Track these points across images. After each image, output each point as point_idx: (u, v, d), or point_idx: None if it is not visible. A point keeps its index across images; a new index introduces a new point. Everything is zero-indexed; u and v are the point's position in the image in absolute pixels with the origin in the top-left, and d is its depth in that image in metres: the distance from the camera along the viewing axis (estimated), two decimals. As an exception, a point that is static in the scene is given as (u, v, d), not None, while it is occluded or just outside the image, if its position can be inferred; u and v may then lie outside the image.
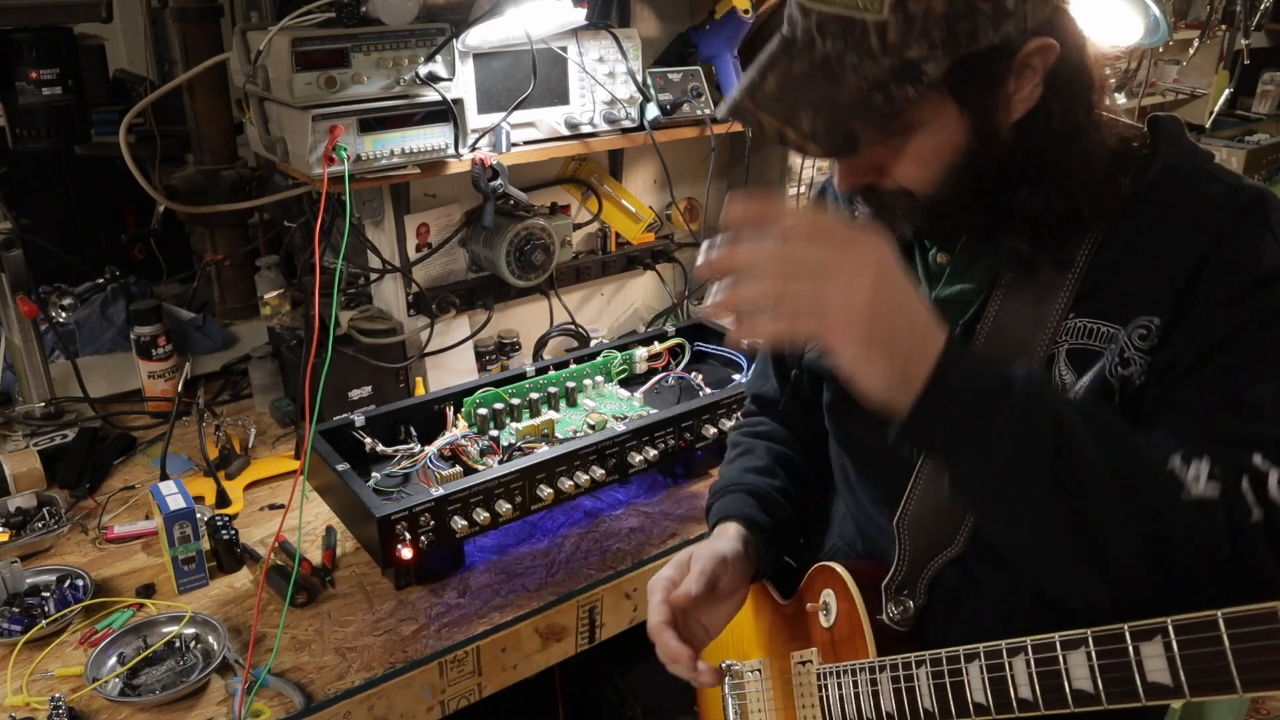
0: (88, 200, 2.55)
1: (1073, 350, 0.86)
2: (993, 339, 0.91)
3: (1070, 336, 0.87)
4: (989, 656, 0.81)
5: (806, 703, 1.07)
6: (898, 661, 0.92)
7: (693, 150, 2.12)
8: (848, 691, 0.99)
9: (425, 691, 1.28)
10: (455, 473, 1.46)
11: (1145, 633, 0.67)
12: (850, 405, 1.05)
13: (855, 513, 1.11)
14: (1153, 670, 0.67)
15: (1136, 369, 0.83)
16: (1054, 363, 0.87)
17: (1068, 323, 0.87)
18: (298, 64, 1.43)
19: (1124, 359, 0.83)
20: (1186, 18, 2.93)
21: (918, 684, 0.89)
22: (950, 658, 0.86)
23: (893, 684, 0.93)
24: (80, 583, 1.39)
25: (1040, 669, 0.76)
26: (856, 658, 0.99)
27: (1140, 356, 0.82)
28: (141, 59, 2.45)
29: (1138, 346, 0.82)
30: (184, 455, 1.76)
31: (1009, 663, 0.79)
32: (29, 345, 1.79)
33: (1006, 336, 0.90)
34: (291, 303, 1.83)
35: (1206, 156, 0.89)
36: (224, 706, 1.20)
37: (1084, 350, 0.86)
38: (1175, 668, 0.65)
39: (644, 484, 1.69)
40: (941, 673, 0.86)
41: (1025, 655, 0.77)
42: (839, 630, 1.03)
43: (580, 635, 1.44)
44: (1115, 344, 0.84)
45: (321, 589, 1.41)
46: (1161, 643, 0.66)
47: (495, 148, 1.70)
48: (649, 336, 1.90)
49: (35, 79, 1.60)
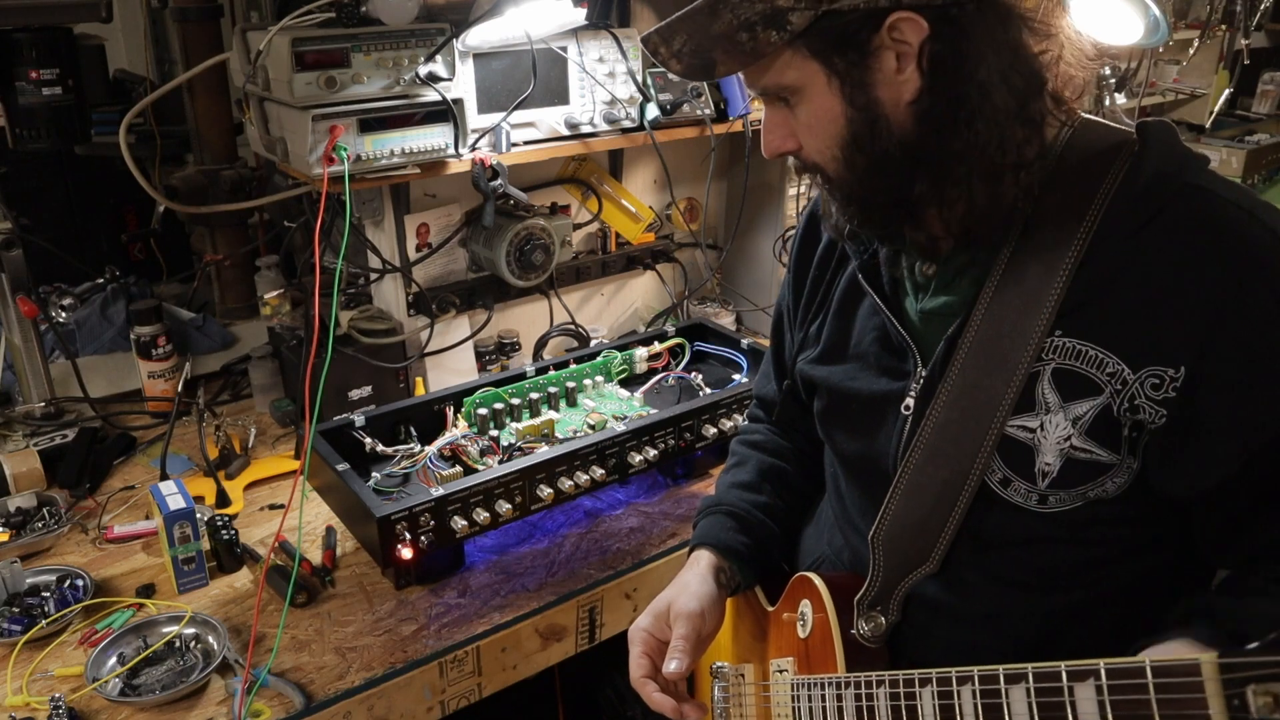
0: (88, 200, 2.55)
1: (1059, 371, 0.85)
2: (974, 353, 0.90)
3: (1058, 355, 0.85)
4: (940, 683, 0.82)
5: (781, 711, 1.07)
6: (861, 679, 0.92)
7: (693, 150, 2.13)
8: (816, 704, 0.99)
9: (425, 691, 1.28)
10: (455, 473, 1.46)
11: (1080, 674, 0.69)
12: (839, 415, 1.05)
13: (842, 522, 1.11)
14: (1085, 713, 0.68)
15: (1150, 415, 0.81)
16: (1038, 380, 0.86)
17: (1054, 340, 0.85)
18: (298, 64, 1.43)
19: (1133, 405, 0.82)
20: (1186, 18, 2.93)
21: (877, 704, 0.90)
22: (906, 680, 0.86)
23: (855, 700, 0.93)
24: (80, 583, 1.39)
25: (984, 700, 0.77)
26: (827, 670, 0.99)
27: (1153, 407, 0.81)
28: (141, 59, 2.45)
29: (1150, 396, 0.81)
30: (184, 455, 1.76)
31: (957, 691, 0.80)
32: (29, 345, 1.79)
33: (989, 351, 0.89)
34: (291, 303, 1.83)
35: (1201, 165, 0.86)
36: (224, 706, 1.20)
37: (1072, 373, 0.85)
38: (1105, 711, 0.66)
39: (644, 484, 1.69)
40: (898, 694, 0.87)
41: (972, 685, 0.78)
42: (813, 642, 1.03)
43: (580, 635, 1.44)
44: (1117, 380, 0.82)
45: (321, 589, 1.41)
46: (1094, 685, 0.67)
47: (495, 148, 1.70)
48: (649, 336, 1.90)
49: (35, 79, 1.60)
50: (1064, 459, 0.85)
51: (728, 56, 0.85)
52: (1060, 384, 0.85)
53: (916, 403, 0.94)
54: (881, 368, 0.99)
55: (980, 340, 0.89)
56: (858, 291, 1.03)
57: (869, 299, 1.00)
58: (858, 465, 1.05)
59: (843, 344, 1.05)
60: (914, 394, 0.94)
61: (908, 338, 0.95)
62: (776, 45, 0.83)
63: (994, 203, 0.85)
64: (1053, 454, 0.86)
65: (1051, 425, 0.85)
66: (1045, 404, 0.86)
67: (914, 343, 0.95)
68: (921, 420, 0.93)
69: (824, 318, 1.08)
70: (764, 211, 2.25)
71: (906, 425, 0.95)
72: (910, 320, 0.97)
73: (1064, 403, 0.85)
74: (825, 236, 1.10)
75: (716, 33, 0.84)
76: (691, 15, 0.85)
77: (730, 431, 1.62)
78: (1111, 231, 0.84)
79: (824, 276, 1.10)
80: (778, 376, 1.25)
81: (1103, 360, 0.83)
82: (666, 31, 0.87)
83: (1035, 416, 0.86)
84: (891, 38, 0.81)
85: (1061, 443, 0.85)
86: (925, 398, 0.93)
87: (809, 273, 1.11)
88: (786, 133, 0.90)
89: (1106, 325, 0.83)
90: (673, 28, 0.86)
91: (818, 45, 0.83)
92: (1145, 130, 0.87)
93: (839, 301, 1.06)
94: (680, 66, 0.88)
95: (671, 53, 0.87)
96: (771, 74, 0.86)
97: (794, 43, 0.83)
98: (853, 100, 0.84)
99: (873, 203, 0.89)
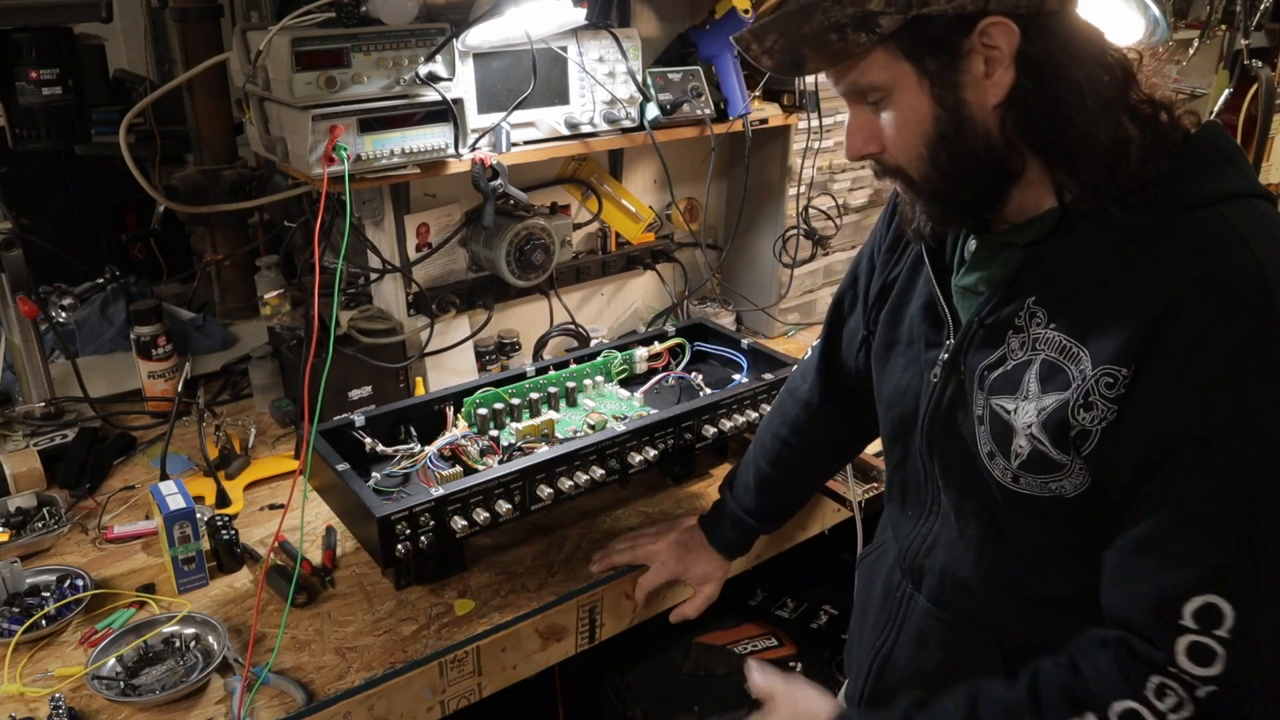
0: (88, 200, 2.55)
1: (1045, 362, 0.88)
2: (980, 334, 0.95)
3: (1046, 347, 0.88)
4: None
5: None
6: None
7: (693, 150, 2.13)
8: None
9: (425, 691, 1.28)
10: (455, 473, 1.46)
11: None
12: (887, 385, 1.13)
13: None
14: None
15: (1098, 414, 0.84)
16: (1028, 368, 0.90)
17: (1047, 332, 0.88)
18: (298, 64, 1.43)
19: (1088, 401, 0.84)
20: (1186, 18, 2.92)
21: None
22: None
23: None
24: (80, 582, 1.39)
25: None
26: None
27: (1105, 404, 0.83)
28: (141, 59, 2.45)
29: (1104, 395, 0.83)
30: (184, 455, 1.76)
31: None
32: (29, 345, 1.79)
33: (989, 333, 0.94)
34: (291, 303, 1.83)
35: (1230, 177, 0.86)
36: (224, 706, 1.20)
37: (1054, 365, 0.88)
38: None
39: (644, 484, 1.69)
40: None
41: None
42: None
43: (580, 635, 1.44)
44: (1079, 368, 0.85)
45: (321, 589, 1.41)
46: None
47: (495, 148, 1.70)
48: (649, 336, 1.90)
49: (35, 79, 1.60)
50: (1031, 445, 0.89)
51: (817, 55, 0.88)
52: (1044, 375, 0.88)
53: (943, 370, 1.00)
54: (925, 338, 1.05)
55: (995, 322, 0.94)
56: (918, 267, 1.09)
57: (925, 271, 1.06)
58: (900, 430, 1.11)
59: (900, 318, 1.12)
60: (941, 363, 1.00)
61: (947, 311, 1.01)
62: (865, 46, 0.86)
63: (1113, 188, 0.86)
64: (1023, 438, 0.90)
65: (1022, 411, 0.90)
66: (1027, 391, 0.90)
67: (950, 316, 1.01)
68: (945, 388, 1.00)
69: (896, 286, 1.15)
70: (764, 211, 2.25)
71: (933, 392, 1.01)
72: (952, 295, 1.02)
73: (1041, 393, 0.88)
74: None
75: (808, 33, 0.86)
76: (784, 17, 0.88)
77: (730, 432, 1.62)
78: (1107, 233, 0.86)
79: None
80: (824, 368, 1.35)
81: (1077, 353, 0.86)
82: (760, 30, 0.89)
83: (1014, 400, 0.91)
84: (982, 42, 0.84)
85: (1026, 429, 0.89)
86: (948, 368, 0.99)
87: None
88: (870, 135, 0.92)
89: (1082, 317, 0.86)
90: (766, 27, 0.89)
91: (910, 46, 0.85)
92: (1196, 136, 0.89)
93: (906, 276, 1.13)
94: (771, 62, 0.90)
95: (763, 49, 0.89)
96: (861, 72, 0.89)
97: (885, 43, 0.85)
98: (942, 101, 0.87)
99: (955, 200, 0.92)
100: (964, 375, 0.97)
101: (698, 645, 1.82)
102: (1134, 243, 0.84)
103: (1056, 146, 0.87)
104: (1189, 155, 0.86)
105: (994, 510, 0.98)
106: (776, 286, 2.28)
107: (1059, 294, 0.88)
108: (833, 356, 1.32)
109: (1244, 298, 0.78)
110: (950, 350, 0.99)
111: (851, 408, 1.31)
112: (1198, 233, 0.82)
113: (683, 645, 1.82)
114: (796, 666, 1.76)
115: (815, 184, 2.20)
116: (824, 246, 2.25)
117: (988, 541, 1.01)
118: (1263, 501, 0.78)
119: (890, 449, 1.15)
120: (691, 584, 1.47)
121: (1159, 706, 0.80)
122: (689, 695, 1.72)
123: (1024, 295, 0.91)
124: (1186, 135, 0.88)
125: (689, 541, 1.47)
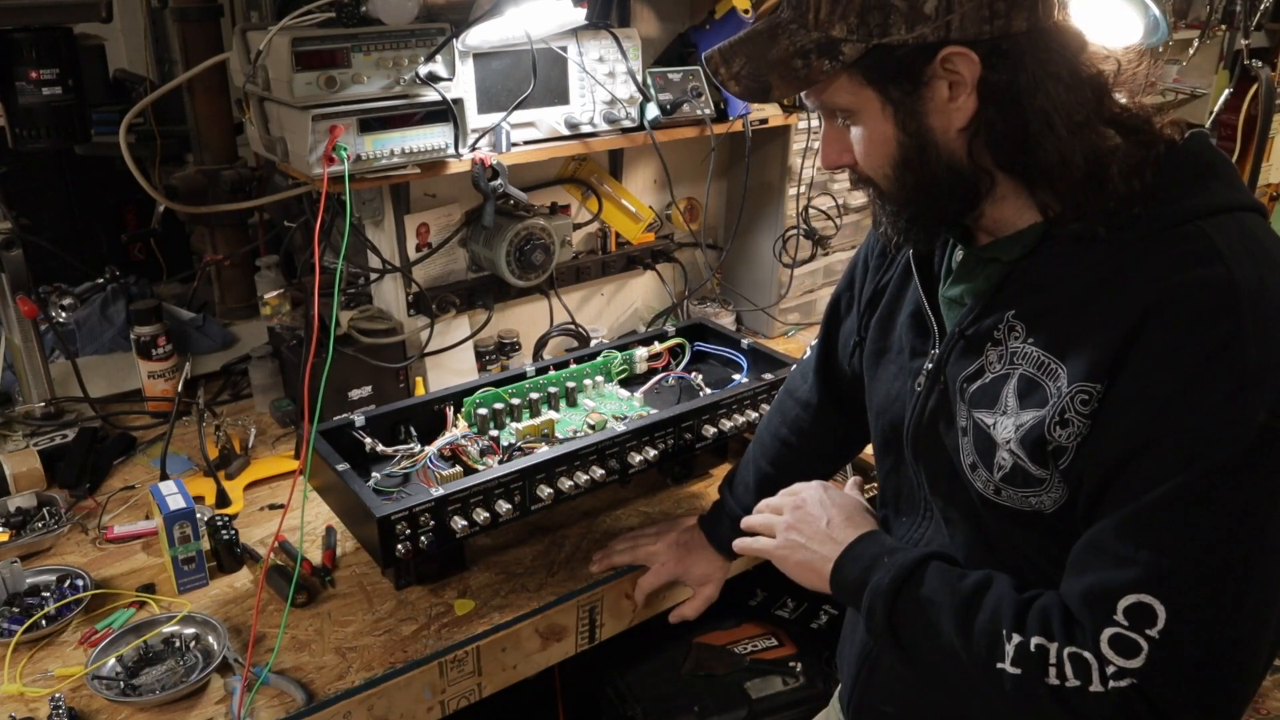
0: (88, 200, 2.55)
1: (1023, 377, 0.89)
2: (960, 345, 0.96)
3: (1024, 363, 0.89)
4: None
5: None
6: None
7: (693, 150, 2.13)
8: None
9: (425, 691, 1.28)
10: (455, 473, 1.46)
11: None
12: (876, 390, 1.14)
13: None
14: None
15: (1073, 430, 0.84)
16: (1006, 382, 0.90)
17: (1025, 347, 0.89)
18: (298, 64, 1.43)
19: (1064, 419, 0.85)
20: (1186, 18, 2.92)
21: None
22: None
23: None
24: (80, 582, 1.39)
25: None
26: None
27: (1080, 420, 0.84)
28: (141, 59, 2.45)
29: (1079, 411, 0.84)
30: (184, 455, 1.76)
31: None
32: (29, 345, 1.79)
33: (969, 344, 0.95)
34: (291, 303, 1.83)
35: (1215, 189, 0.85)
36: (224, 706, 1.20)
37: (1031, 380, 0.88)
38: None
39: (644, 484, 1.69)
40: None
41: None
42: None
43: (580, 635, 1.44)
44: (1056, 384, 0.85)
45: (321, 589, 1.41)
46: None
47: (495, 148, 1.70)
48: (649, 336, 1.90)
49: (35, 79, 1.60)
50: (1012, 459, 0.90)
51: (782, 81, 0.89)
52: (1022, 391, 0.89)
53: (926, 380, 1.01)
54: (912, 347, 1.06)
55: (974, 334, 0.95)
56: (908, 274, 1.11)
57: (914, 282, 1.07)
58: (890, 438, 1.11)
59: (891, 325, 1.13)
60: (925, 373, 1.01)
61: (933, 320, 1.02)
62: (829, 73, 0.88)
63: (1096, 205, 0.86)
64: (1004, 451, 0.90)
65: (1001, 426, 0.90)
66: (1005, 405, 0.90)
67: (936, 325, 1.01)
68: (928, 398, 1.00)
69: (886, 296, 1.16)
70: (764, 211, 2.25)
71: (917, 401, 1.02)
72: (939, 304, 1.03)
73: (1019, 409, 0.89)
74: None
75: (773, 58, 0.88)
76: (751, 37, 0.90)
77: (730, 432, 1.62)
78: (1089, 250, 0.87)
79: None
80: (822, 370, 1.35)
81: (1055, 369, 0.86)
82: (728, 52, 0.91)
83: (993, 414, 0.91)
84: (944, 68, 0.84)
85: (1006, 444, 0.90)
86: (931, 378, 1.00)
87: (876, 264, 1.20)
88: (842, 148, 0.95)
89: (1059, 333, 0.87)
90: (734, 48, 0.91)
91: (872, 74, 0.87)
92: (1180, 147, 0.87)
93: (896, 283, 1.14)
94: (738, 88, 0.92)
95: (731, 74, 0.91)
96: (828, 94, 0.91)
97: (849, 70, 0.87)
98: (904, 126, 0.88)
99: (918, 219, 0.94)
100: (946, 386, 0.98)
101: (698, 645, 1.82)
102: (1114, 260, 0.84)
103: (1031, 169, 0.87)
104: (1172, 169, 0.86)
105: (979, 519, 0.99)
106: (776, 286, 2.28)
107: (1039, 309, 0.89)
108: (830, 357, 1.33)
109: (1213, 312, 0.78)
110: (934, 360, 1.00)
111: (851, 408, 1.31)
112: (1175, 249, 0.82)
113: (683, 645, 1.82)
114: (796, 666, 1.76)
115: (815, 184, 2.20)
116: (824, 246, 2.25)
117: (974, 548, 1.01)
118: (1209, 509, 0.78)
119: (882, 456, 1.15)
120: (691, 584, 1.47)
121: (1067, 671, 0.83)
122: (689, 695, 1.72)
123: (1004, 309, 0.91)
124: (1171, 146, 0.87)
125: (689, 542, 1.47)
